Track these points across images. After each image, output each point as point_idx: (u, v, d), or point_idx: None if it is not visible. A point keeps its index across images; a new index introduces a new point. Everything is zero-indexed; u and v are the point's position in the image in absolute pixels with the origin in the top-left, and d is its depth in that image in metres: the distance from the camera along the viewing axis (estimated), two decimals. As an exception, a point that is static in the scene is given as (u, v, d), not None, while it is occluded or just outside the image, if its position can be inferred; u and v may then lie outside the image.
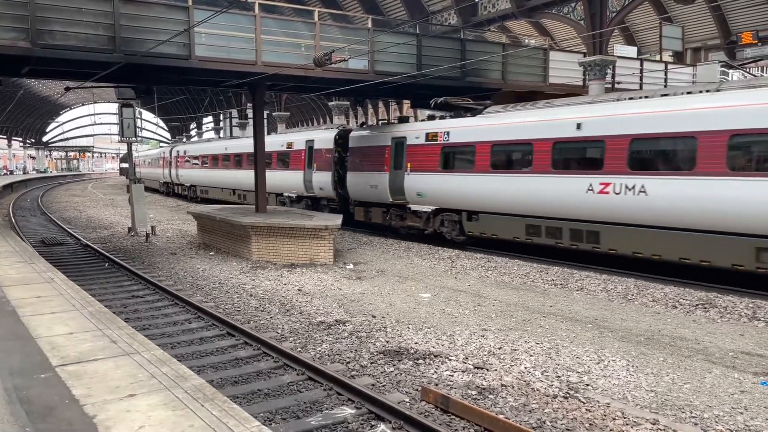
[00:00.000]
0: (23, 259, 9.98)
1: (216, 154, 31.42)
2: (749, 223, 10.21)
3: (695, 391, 6.29)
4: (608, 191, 12.32)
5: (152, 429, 3.58)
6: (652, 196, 11.57)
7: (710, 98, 11.20)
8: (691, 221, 11.06)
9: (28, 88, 64.20)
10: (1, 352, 5.07)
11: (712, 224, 10.74)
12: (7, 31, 12.03)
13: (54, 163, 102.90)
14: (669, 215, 11.36)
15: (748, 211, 10.20)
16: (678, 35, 25.02)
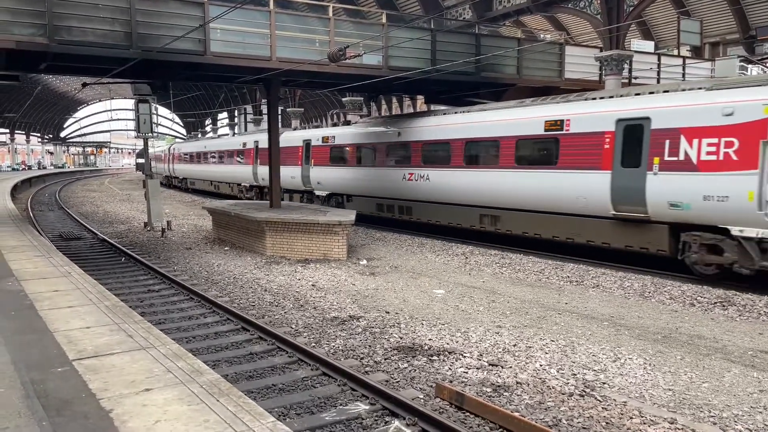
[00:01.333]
0: (41, 253, 10.09)
1: (199, 151, 37.62)
2: (519, 200, 14.65)
3: (714, 390, 6.21)
4: (413, 179, 18.06)
5: (168, 424, 3.60)
6: (433, 181, 17.20)
7: (506, 113, 15.52)
8: (496, 202, 15.44)
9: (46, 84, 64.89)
10: (19, 345, 5.12)
11: (511, 203, 14.96)
12: (25, 27, 12.13)
13: (71, 159, 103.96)
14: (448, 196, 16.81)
15: (525, 192, 14.45)
16: (696, 30, 24.71)
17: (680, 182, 11.25)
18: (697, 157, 11.00)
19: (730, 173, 10.49)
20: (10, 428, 3.57)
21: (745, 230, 10.42)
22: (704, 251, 11.24)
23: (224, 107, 58.84)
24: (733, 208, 10.50)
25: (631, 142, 12.22)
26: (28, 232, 13.19)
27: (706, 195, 10.82)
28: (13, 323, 5.79)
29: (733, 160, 10.47)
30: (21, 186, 39.57)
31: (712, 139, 10.77)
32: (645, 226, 12.10)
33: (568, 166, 13.36)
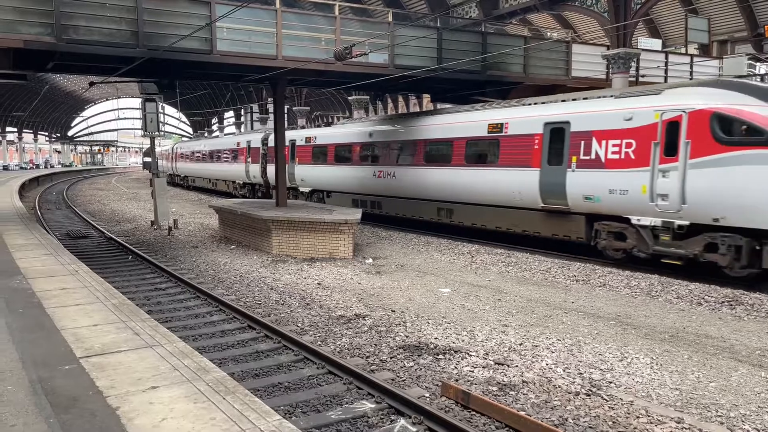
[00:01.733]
0: (48, 252, 10.14)
1: (198, 151, 39.63)
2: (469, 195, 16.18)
3: (721, 390, 6.18)
4: (382, 176, 19.41)
5: (174, 421, 3.61)
6: (399, 178, 18.73)
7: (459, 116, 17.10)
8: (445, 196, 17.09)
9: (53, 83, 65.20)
10: (27, 343, 5.15)
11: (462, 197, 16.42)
12: (32, 26, 12.19)
13: (79, 158, 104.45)
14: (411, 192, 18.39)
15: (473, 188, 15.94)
16: (704, 27, 24.59)
17: (592, 178, 12.78)
18: (605, 156, 12.54)
19: (629, 170, 12.02)
20: (18, 425, 3.60)
21: (642, 219, 11.98)
22: (611, 238, 12.86)
23: (231, 106, 58.97)
24: (631, 200, 12.02)
25: (555, 143, 13.75)
26: (35, 231, 13.26)
27: (611, 189, 12.36)
28: (21, 321, 5.82)
29: (631, 158, 12.02)
30: (29, 185, 39.79)
31: (616, 140, 12.34)
32: (566, 216, 13.65)
33: (507, 164, 14.92)
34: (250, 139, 30.07)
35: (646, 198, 11.71)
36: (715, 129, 10.74)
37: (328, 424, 5.42)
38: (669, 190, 11.37)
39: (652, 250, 11.95)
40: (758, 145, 10.21)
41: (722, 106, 10.76)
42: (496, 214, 15.46)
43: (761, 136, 10.19)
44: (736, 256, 10.72)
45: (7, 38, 12.00)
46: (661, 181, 11.48)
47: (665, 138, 11.48)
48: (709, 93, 11.27)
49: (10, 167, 72.31)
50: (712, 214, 10.81)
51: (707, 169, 10.80)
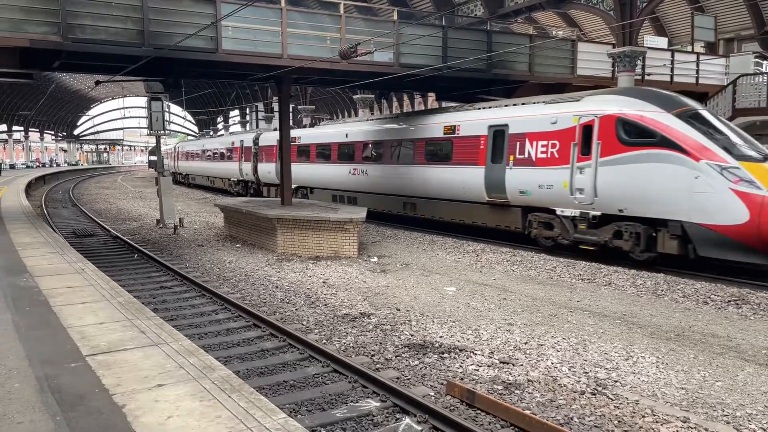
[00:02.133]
0: (55, 250, 10.19)
1: (198, 150, 41.64)
2: (429, 190, 17.67)
3: (727, 389, 6.16)
4: (356, 173, 20.76)
5: (180, 419, 3.62)
6: (370, 175, 20.19)
7: (420, 119, 18.80)
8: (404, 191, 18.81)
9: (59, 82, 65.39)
10: (33, 341, 5.17)
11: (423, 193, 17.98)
12: (39, 25, 12.24)
13: (85, 156, 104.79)
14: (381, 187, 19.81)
15: (432, 184, 17.46)
16: (710, 25, 24.44)
17: (525, 175, 14.31)
18: (535, 155, 14.08)
19: (554, 168, 13.55)
20: (25, 422, 3.61)
21: (564, 210, 13.56)
22: (542, 227, 14.40)
23: (236, 105, 59.05)
24: (556, 194, 13.58)
25: (497, 143, 15.30)
26: (42, 229, 13.32)
27: (540, 184, 13.90)
28: (28, 319, 5.85)
29: (555, 157, 13.54)
30: (35, 183, 39.95)
31: (544, 141, 13.85)
32: (507, 209, 15.23)
33: (459, 162, 16.44)
34: (243, 138, 31.90)
35: (567, 192, 13.27)
36: (619, 131, 12.34)
37: (333, 422, 5.42)
38: (584, 184, 12.90)
39: (573, 237, 13.58)
40: (651, 145, 11.82)
41: (626, 112, 12.37)
42: (451, 208, 16.99)
43: (654, 138, 11.81)
44: (636, 241, 12.30)
45: (14, 37, 12.06)
46: (578, 177, 13.02)
47: (581, 139, 13.01)
48: (618, 100, 12.87)
49: (16, 166, 72.61)
50: (617, 205, 12.42)
51: (613, 167, 12.38)
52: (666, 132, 11.71)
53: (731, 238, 10.80)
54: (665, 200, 11.59)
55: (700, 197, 11.11)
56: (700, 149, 11.28)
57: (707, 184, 11.03)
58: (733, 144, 11.59)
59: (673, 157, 11.47)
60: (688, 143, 11.43)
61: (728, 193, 10.78)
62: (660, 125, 11.82)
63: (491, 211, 15.69)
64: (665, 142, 11.65)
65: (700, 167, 11.13)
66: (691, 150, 11.33)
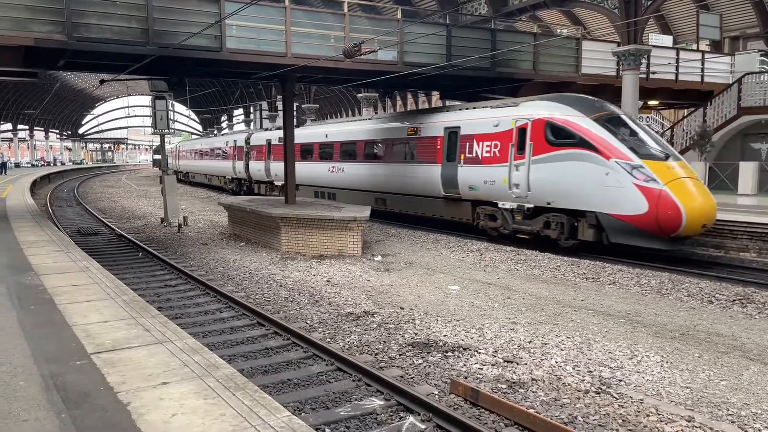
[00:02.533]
0: (59, 248, 10.22)
1: (197, 149, 43.90)
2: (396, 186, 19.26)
3: (732, 389, 6.14)
4: (334, 171, 22.18)
5: (185, 417, 3.63)
6: (347, 172, 21.68)
7: (389, 121, 20.39)
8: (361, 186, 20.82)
9: (64, 81, 65.57)
10: (38, 339, 5.19)
11: (391, 188, 19.50)
12: (44, 24, 12.27)
13: (89, 155, 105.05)
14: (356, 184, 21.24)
15: (399, 180, 18.95)
16: (716, 24, 24.37)
17: (474, 172, 15.85)
18: (481, 155, 15.58)
19: (496, 165, 15.06)
20: (30, 420, 3.63)
21: (505, 203, 15.10)
22: (487, 219, 15.99)
23: (240, 103, 59.10)
24: (497, 189, 15.09)
25: (451, 144, 16.82)
26: (47, 227, 13.36)
27: (485, 180, 15.45)
28: (33, 317, 5.87)
29: (497, 156, 15.05)
30: (40, 182, 40.06)
31: (488, 142, 15.35)
32: (459, 203, 16.76)
33: (420, 161, 18.01)
34: (236, 138, 33.94)
35: (506, 187, 14.78)
36: (547, 133, 13.85)
37: (337, 420, 5.43)
38: (520, 180, 14.43)
39: (512, 227, 15.14)
40: (571, 146, 13.34)
41: (553, 116, 13.90)
42: (415, 202, 18.58)
43: (574, 139, 13.31)
44: (561, 230, 13.86)
45: (19, 36, 12.09)
46: (515, 174, 14.52)
47: (517, 140, 14.53)
48: (548, 105, 14.33)
49: (21, 164, 72.83)
50: (546, 198, 13.96)
51: (542, 164, 13.89)
52: (584, 134, 13.21)
53: (635, 226, 12.40)
54: (582, 194, 13.15)
55: (610, 191, 12.63)
56: (611, 149, 12.80)
57: (615, 180, 12.53)
58: (641, 145, 13.07)
59: (589, 156, 12.99)
60: (601, 144, 12.94)
61: (632, 188, 12.32)
62: (579, 128, 13.33)
63: (447, 204, 17.27)
64: (583, 142, 13.16)
65: (610, 165, 12.65)
66: (603, 150, 12.84)
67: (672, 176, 12.35)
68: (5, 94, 61.41)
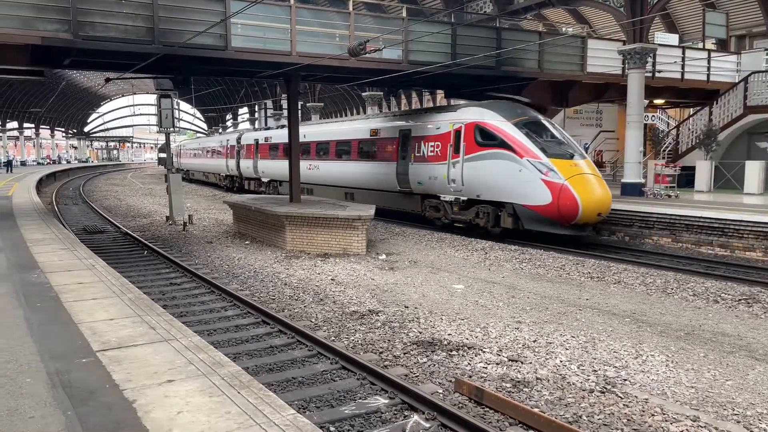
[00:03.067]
0: (65, 246, 10.25)
1: (196, 148, 46.34)
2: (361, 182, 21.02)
3: (738, 388, 6.12)
4: (311, 168, 23.85)
5: (190, 415, 3.64)
6: (321, 170, 23.43)
7: (355, 123, 22.48)
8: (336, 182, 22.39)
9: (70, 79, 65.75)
10: (44, 336, 5.21)
11: (357, 184, 21.27)
12: (50, 23, 12.31)
13: (95, 153, 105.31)
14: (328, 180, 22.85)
15: (363, 176, 20.72)
16: (722, 22, 24.29)
17: (421, 169, 17.80)
18: (427, 154, 17.52)
19: (438, 163, 16.98)
20: (36, 417, 3.64)
21: (445, 196, 17.11)
22: (433, 210, 18.00)
23: (245, 102, 59.18)
24: (439, 184, 17.07)
25: (404, 144, 18.72)
26: (53, 225, 13.41)
27: (430, 176, 17.40)
28: (39, 315, 5.90)
29: (439, 155, 16.98)
30: (46, 180, 40.20)
31: (432, 143, 17.36)
32: (411, 196, 18.75)
33: (380, 159, 19.83)
34: (229, 138, 36.20)
35: (446, 182, 16.71)
36: (476, 135, 15.80)
37: (342, 419, 5.44)
38: (456, 176, 16.35)
39: (451, 217, 17.19)
40: (494, 146, 15.34)
41: (482, 120, 15.84)
42: (377, 196, 19.92)
43: (496, 140, 15.31)
44: (488, 219, 15.95)
45: (25, 34, 12.14)
46: (453, 171, 16.41)
47: (454, 141, 16.43)
48: (479, 111, 16.27)
49: (27, 163, 73.08)
50: (476, 192, 15.99)
51: (472, 162, 15.85)
52: (504, 136, 15.21)
53: (542, 214, 14.51)
54: (502, 187, 15.19)
55: (523, 185, 14.67)
56: (525, 149, 14.78)
57: (527, 176, 14.55)
58: (550, 146, 14.99)
59: (507, 155, 15.00)
60: (516, 144, 14.94)
61: (540, 182, 14.36)
62: (501, 131, 15.32)
63: (401, 198, 19.25)
64: (503, 143, 15.16)
65: (523, 163, 14.66)
66: (518, 149, 14.86)
67: (573, 173, 14.32)
68: (11, 92, 61.65)
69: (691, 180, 21.89)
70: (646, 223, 15.69)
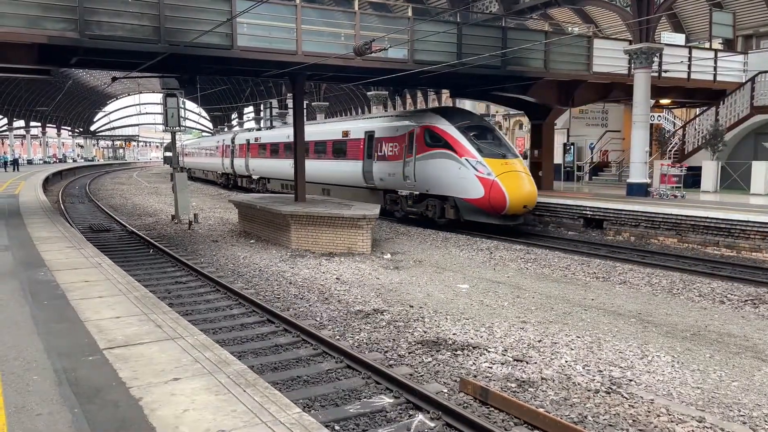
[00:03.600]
0: (72, 245, 10.29)
1: (195, 148, 48.66)
2: (335, 179, 23.03)
3: (744, 389, 6.10)
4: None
5: (196, 413, 3.65)
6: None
7: (330, 125, 24.85)
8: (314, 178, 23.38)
9: (76, 78, 65.95)
10: (51, 334, 5.23)
11: (333, 180, 23.16)
12: (57, 22, 12.35)
13: (101, 152, 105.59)
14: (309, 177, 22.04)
15: (337, 173, 22.80)
16: (728, 22, 24.13)
17: (383, 167, 19.68)
18: (387, 153, 19.38)
19: (396, 161, 18.93)
20: (44, 414, 3.66)
21: (402, 191, 19.16)
22: (392, 203, 19.88)
23: (250, 101, 59.27)
24: (397, 180, 18.99)
25: (369, 144, 20.52)
26: (59, 224, 13.46)
27: (389, 174, 19.28)
28: (46, 312, 5.93)
29: (397, 155, 18.96)
30: (52, 179, 40.35)
31: (392, 143, 19.23)
32: (376, 191, 20.53)
33: (350, 157, 21.73)
34: (225, 138, 38.83)
35: (402, 178, 18.67)
36: (426, 137, 17.81)
37: (347, 417, 5.44)
38: (410, 173, 18.26)
39: (407, 209, 19.13)
40: (439, 147, 17.29)
41: (431, 124, 17.84)
42: (349, 192, 21.59)
43: (440, 142, 17.27)
44: (435, 211, 17.91)
45: (32, 34, 12.18)
46: (407, 168, 18.36)
47: (408, 142, 18.41)
48: (430, 116, 18.34)
49: (33, 161, 73.34)
50: (426, 187, 17.94)
51: (423, 161, 17.81)
52: (447, 138, 17.09)
53: (476, 206, 16.43)
54: (446, 183, 17.02)
55: (461, 181, 16.51)
56: (463, 150, 16.66)
57: (465, 173, 16.42)
58: (486, 147, 16.80)
59: (449, 155, 16.88)
60: (457, 145, 16.80)
61: (474, 179, 16.23)
62: (445, 134, 17.19)
63: (368, 193, 20.82)
64: (446, 144, 17.06)
65: (462, 161, 16.54)
66: (458, 150, 16.74)
67: (503, 170, 16.15)
68: (18, 91, 61.85)
69: (698, 180, 21.80)
70: (652, 224, 15.63)
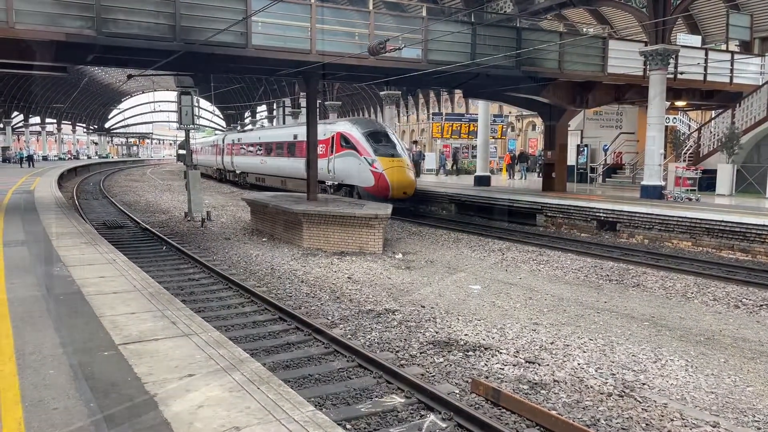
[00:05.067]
0: (87, 241, 10.38)
1: (198, 146, 52.25)
2: (292, 173, 27.05)
3: (758, 395, 6.05)
4: (263, 163, 31.11)
5: (210, 409, 3.67)
6: (267, 164, 30.57)
7: (286, 129, 31.19)
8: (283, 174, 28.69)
9: (92, 75, 66.54)
10: (67, 329, 5.28)
11: (289, 175, 27.47)
12: (73, 19, 12.46)
13: (115, 149, 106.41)
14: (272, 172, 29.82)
15: (292, 169, 26.88)
16: (746, 24, 23.89)
17: (320, 164, 21.56)
18: (320, 152, 21.44)
19: (324, 159, 22.61)
20: (60, 408, 3.70)
21: (328, 182, 23.15)
22: (323, 191, 22.26)
23: (263, 100, 59.44)
24: (324, 173, 22.44)
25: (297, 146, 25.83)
26: (74, 220, 13.57)
27: (320, 168, 21.21)
28: (62, 308, 5.98)
29: (324, 154, 22.67)
30: (67, 175, 40.68)
31: (322, 145, 22.23)
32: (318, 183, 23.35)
33: (298, 156, 25.67)
34: (218, 138, 44.34)
35: (327, 172, 22.68)
36: (341, 141, 22.27)
37: (358, 416, 5.45)
38: (332, 168, 22.66)
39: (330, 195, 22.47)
40: (348, 148, 21.87)
41: (344, 130, 22.43)
42: (298, 183, 25.12)
43: (350, 144, 21.82)
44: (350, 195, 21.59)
45: (50, 31, 12.30)
46: (330, 164, 22.66)
47: (331, 144, 22.77)
48: (345, 124, 23.11)
49: (48, 158, 74.05)
50: (341, 179, 22.43)
51: (339, 158, 22.27)
52: (354, 141, 21.75)
53: (370, 193, 20.64)
54: (352, 175, 21.65)
55: (361, 173, 21.20)
56: (364, 150, 21.25)
57: (363, 168, 21.08)
58: (381, 148, 21.26)
59: (354, 154, 21.53)
60: (360, 147, 21.43)
61: (369, 172, 20.84)
62: (353, 138, 21.83)
63: None
64: (353, 146, 21.67)
65: (362, 159, 21.16)
66: (361, 150, 21.34)
67: (389, 165, 20.69)
68: (34, 88, 62.48)
69: (712, 183, 21.59)
70: (666, 227, 15.52)
